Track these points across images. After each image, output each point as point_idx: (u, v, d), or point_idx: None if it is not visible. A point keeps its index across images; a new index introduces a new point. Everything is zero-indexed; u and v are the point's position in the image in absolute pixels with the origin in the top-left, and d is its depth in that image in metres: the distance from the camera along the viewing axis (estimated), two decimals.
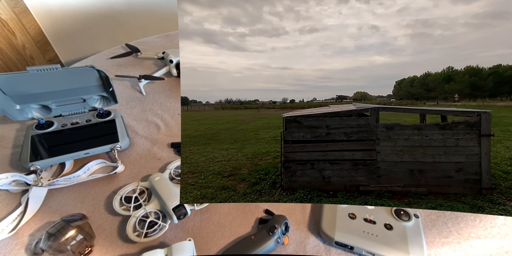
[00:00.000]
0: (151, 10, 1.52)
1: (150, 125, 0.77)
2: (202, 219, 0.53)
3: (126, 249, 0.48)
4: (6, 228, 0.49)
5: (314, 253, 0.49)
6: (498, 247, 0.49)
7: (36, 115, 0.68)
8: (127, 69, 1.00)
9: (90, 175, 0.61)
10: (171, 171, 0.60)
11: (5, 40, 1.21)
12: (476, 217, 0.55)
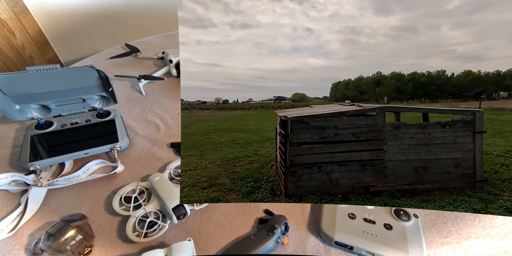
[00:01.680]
0: (151, 10, 1.52)
1: (149, 125, 0.77)
2: (202, 219, 0.53)
3: (125, 249, 0.48)
4: (5, 228, 0.49)
5: (313, 253, 0.49)
6: (497, 247, 0.49)
7: (36, 115, 0.68)
8: (127, 69, 1.00)
9: (89, 175, 0.61)
10: (171, 171, 0.60)
11: (4, 40, 1.21)
12: (476, 217, 0.55)
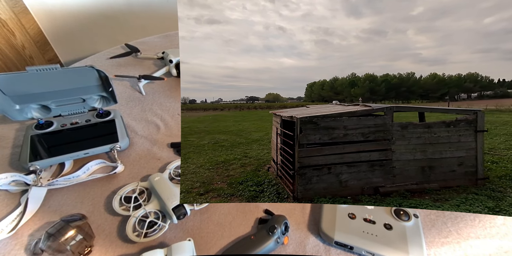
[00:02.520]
0: (151, 10, 1.52)
1: (149, 125, 0.77)
2: (201, 219, 0.53)
3: (125, 249, 0.48)
4: (5, 228, 0.49)
5: (313, 253, 0.49)
6: (497, 247, 0.49)
7: (36, 115, 0.68)
8: (127, 69, 1.00)
9: (89, 175, 0.61)
10: (171, 171, 0.60)
11: (4, 40, 1.21)
12: (476, 217, 0.55)
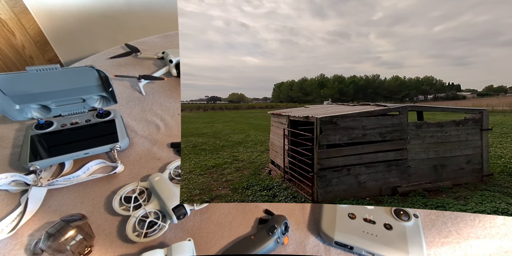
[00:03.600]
0: (150, 10, 1.52)
1: (149, 125, 0.77)
2: (201, 219, 0.53)
3: (125, 249, 0.48)
4: (5, 228, 0.49)
5: (313, 253, 0.49)
6: (497, 247, 0.49)
7: (36, 115, 0.68)
8: (127, 69, 1.00)
9: (89, 175, 0.61)
10: (171, 171, 0.60)
11: (4, 40, 1.21)
12: (476, 217, 0.55)
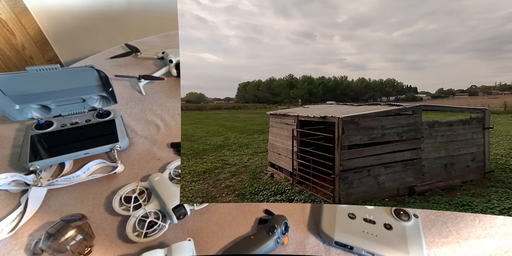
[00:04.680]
0: (150, 10, 1.52)
1: (149, 125, 0.77)
2: (202, 219, 0.53)
3: (125, 249, 0.48)
4: (5, 228, 0.49)
5: (313, 253, 0.49)
6: (497, 247, 0.49)
7: (36, 115, 0.68)
8: (127, 69, 1.00)
9: (89, 175, 0.61)
10: (171, 171, 0.60)
11: (4, 40, 1.21)
12: (476, 217, 0.55)
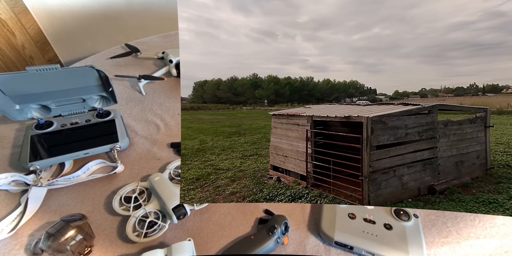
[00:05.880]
0: (150, 9, 1.52)
1: (149, 125, 0.77)
2: (202, 219, 0.53)
3: (125, 249, 0.48)
4: (5, 228, 0.49)
5: (313, 253, 0.49)
6: (497, 247, 0.49)
7: (36, 115, 0.68)
8: (127, 69, 1.00)
9: (89, 175, 0.61)
10: (171, 171, 0.60)
11: (4, 40, 1.21)
12: (476, 217, 0.55)
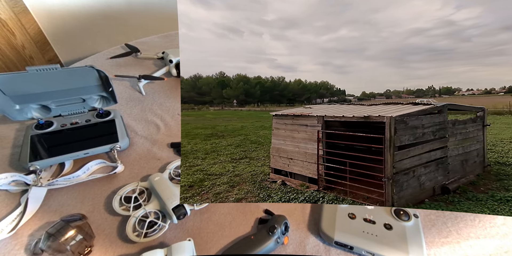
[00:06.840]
0: (150, 10, 1.52)
1: (149, 125, 0.77)
2: (202, 219, 0.53)
3: (125, 249, 0.48)
4: (5, 228, 0.49)
5: (313, 253, 0.49)
6: (497, 247, 0.49)
7: (36, 115, 0.68)
8: (127, 69, 1.00)
9: (89, 175, 0.61)
10: (171, 171, 0.60)
11: (4, 40, 1.21)
12: (476, 217, 0.55)
